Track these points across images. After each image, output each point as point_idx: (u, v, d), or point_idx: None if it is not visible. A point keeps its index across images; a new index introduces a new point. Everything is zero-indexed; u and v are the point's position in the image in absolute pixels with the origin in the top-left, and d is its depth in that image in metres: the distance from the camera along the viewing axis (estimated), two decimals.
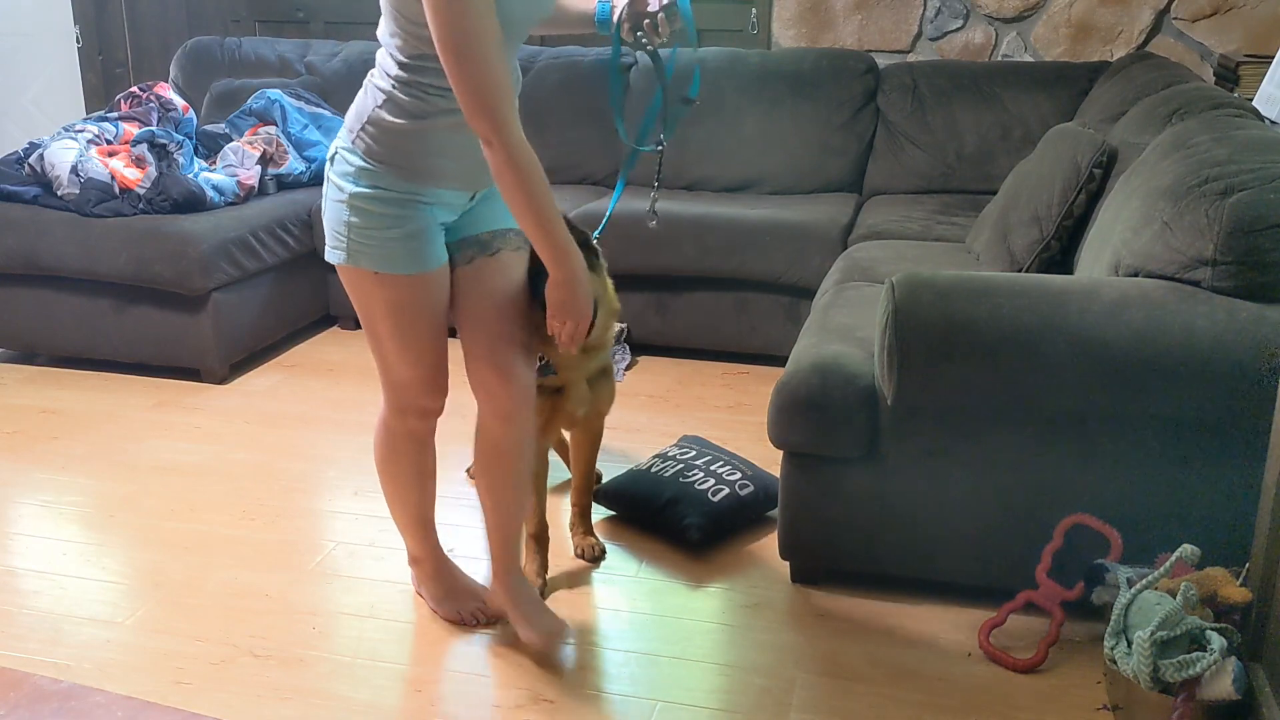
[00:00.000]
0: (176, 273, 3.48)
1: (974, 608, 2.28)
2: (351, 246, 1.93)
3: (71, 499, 2.83)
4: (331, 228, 1.96)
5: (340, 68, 4.66)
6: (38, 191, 3.66)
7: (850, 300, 2.74)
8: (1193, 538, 1.97)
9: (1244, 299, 2.00)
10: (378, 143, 1.88)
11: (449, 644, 2.21)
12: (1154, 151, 2.40)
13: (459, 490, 2.87)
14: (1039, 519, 2.16)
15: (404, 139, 1.87)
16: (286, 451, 3.11)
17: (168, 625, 2.27)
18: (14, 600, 2.36)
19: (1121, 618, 1.87)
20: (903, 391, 2.11)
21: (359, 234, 1.91)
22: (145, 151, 3.66)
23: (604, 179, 4.42)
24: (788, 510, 2.34)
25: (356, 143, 1.90)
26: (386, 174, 1.89)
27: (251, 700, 2.03)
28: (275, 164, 4.07)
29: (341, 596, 2.38)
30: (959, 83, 4.03)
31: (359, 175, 1.90)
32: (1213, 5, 4.08)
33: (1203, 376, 1.98)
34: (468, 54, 1.70)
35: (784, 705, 2.02)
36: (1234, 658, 1.75)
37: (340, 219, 1.93)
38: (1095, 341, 2.01)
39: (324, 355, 3.90)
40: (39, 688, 2.05)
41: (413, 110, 1.85)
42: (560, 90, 4.41)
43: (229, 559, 2.53)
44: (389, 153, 1.88)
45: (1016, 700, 2.03)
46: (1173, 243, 2.08)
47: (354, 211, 1.90)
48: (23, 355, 3.86)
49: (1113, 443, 2.11)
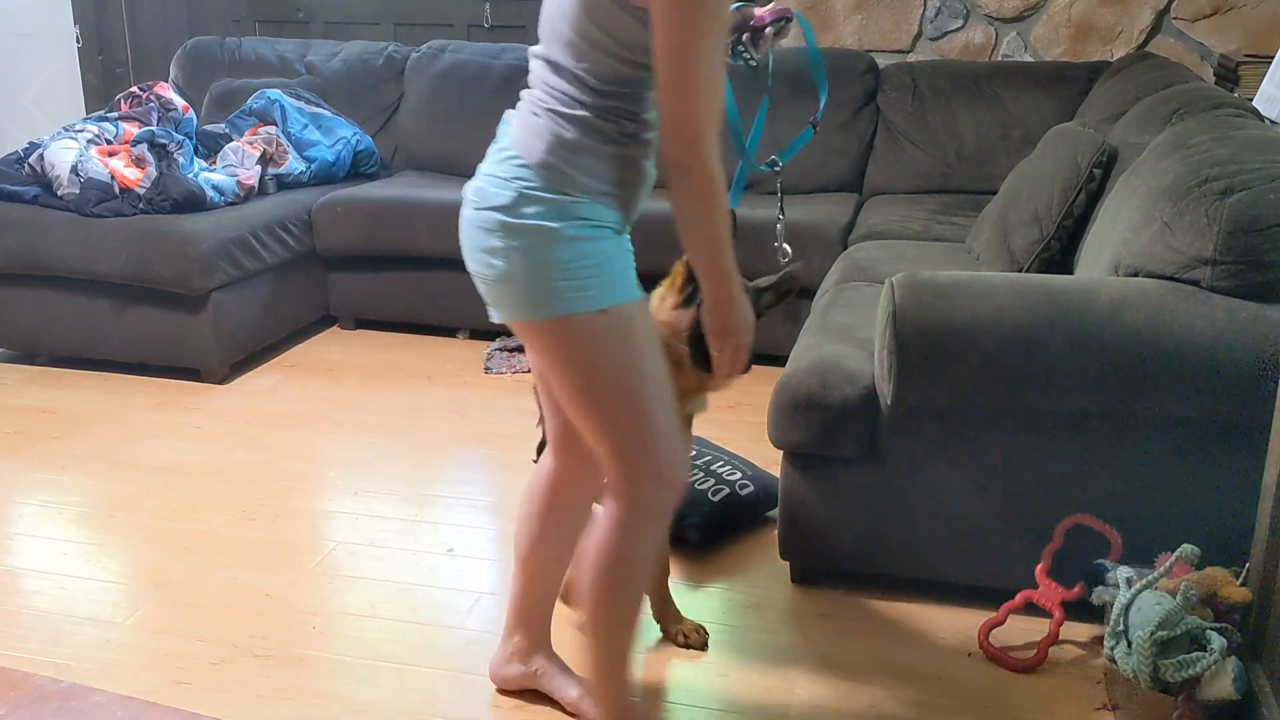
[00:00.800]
0: (176, 273, 3.48)
1: (974, 608, 2.27)
2: (568, 290, 1.62)
3: (71, 499, 2.83)
4: (531, 283, 1.63)
5: (340, 68, 4.67)
6: (38, 191, 3.66)
7: (850, 300, 2.74)
8: (1193, 538, 1.97)
9: (1244, 299, 2.00)
10: (581, 172, 1.63)
11: (449, 644, 2.21)
12: (1154, 151, 2.40)
13: (462, 490, 2.87)
14: (1039, 519, 2.16)
15: (606, 167, 1.65)
16: (286, 451, 3.11)
17: (168, 625, 2.27)
18: (14, 600, 2.36)
19: (1121, 618, 1.87)
20: (902, 392, 2.11)
21: (576, 273, 1.63)
22: (145, 151, 3.66)
23: None
24: (788, 510, 2.33)
25: (552, 178, 1.62)
26: (590, 205, 1.64)
27: (251, 700, 2.03)
28: (275, 164, 4.07)
29: (341, 596, 2.38)
30: (959, 83, 4.03)
31: (563, 211, 1.62)
32: (1213, 5, 4.07)
33: (1202, 376, 1.98)
34: (697, 77, 1.53)
35: (784, 705, 2.02)
36: (1234, 658, 1.75)
37: (547, 263, 1.62)
38: (1095, 341, 2.01)
39: (324, 355, 3.90)
40: (39, 688, 2.05)
41: (613, 136, 1.64)
42: None
43: (229, 559, 2.53)
44: (594, 181, 1.64)
45: (1016, 700, 2.03)
46: (1172, 243, 2.08)
47: (565, 250, 1.62)
48: (23, 355, 3.86)
49: (1113, 443, 2.11)
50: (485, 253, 1.67)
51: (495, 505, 2.81)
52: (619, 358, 1.67)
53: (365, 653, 2.17)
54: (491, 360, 3.79)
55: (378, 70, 4.64)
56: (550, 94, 1.65)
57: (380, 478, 2.94)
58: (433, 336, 4.06)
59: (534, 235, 1.62)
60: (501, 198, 1.63)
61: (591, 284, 1.64)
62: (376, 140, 4.52)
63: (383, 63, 4.65)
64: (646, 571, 1.84)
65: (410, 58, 4.64)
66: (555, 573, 2.01)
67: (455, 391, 3.56)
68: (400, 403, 3.45)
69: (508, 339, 3.94)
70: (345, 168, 4.30)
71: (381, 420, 3.32)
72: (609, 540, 1.75)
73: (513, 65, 4.48)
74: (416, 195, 4.04)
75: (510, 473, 2.94)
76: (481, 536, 2.66)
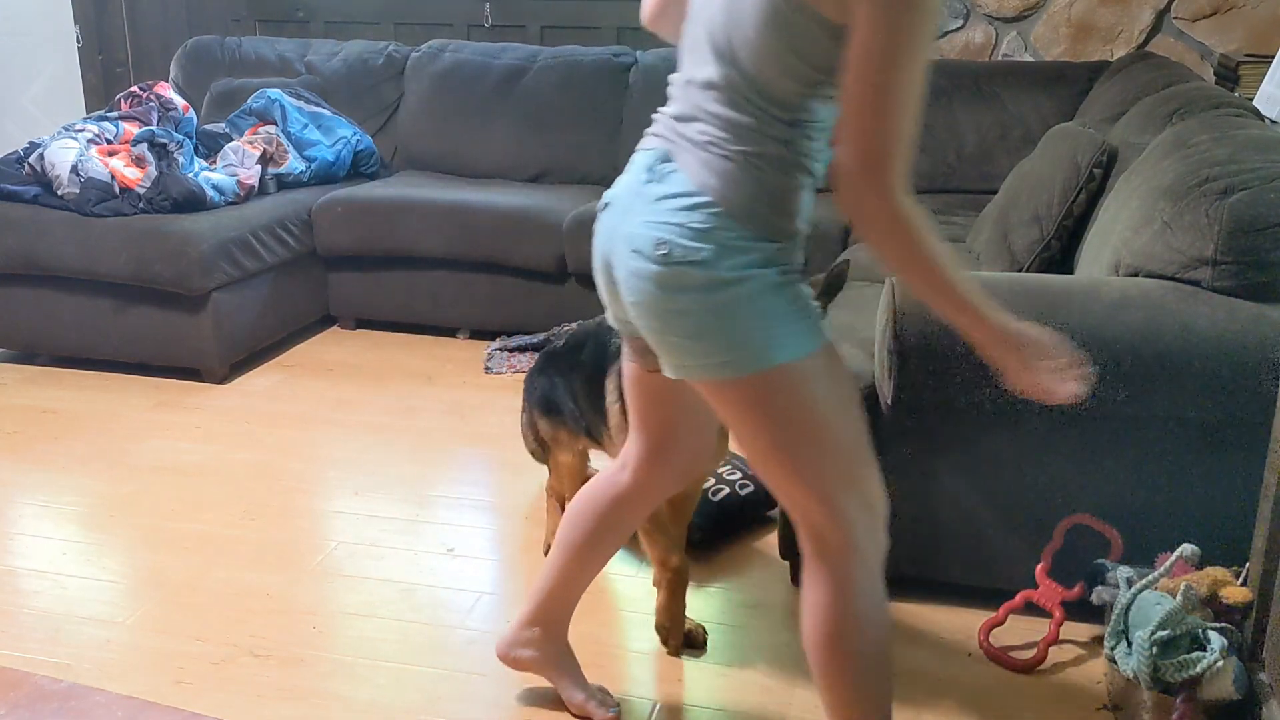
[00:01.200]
0: (176, 272, 3.48)
1: (974, 608, 2.28)
2: (780, 338, 1.48)
3: (71, 499, 2.83)
4: (740, 338, 1.48)
5: (340, 67, 4.67)
6: (38, 191, 3.66)
7: (850, 300, 2.74)
8: (1193, 538, 1.97)
9: (1244, 299, 2.00)
10: (782, 215, 1.50)
11: (449, 644, 2.21)
12: (1154, 151, 2.40)
13: (462, 490, 2.87)
14: (1039, 519, 2.16)
15: (800, 204, 1.52)
16: (286, 451, 3.11)
17: (168, 625, 2.27)
18: (14, 600, 2.36)
19: (1121, 618, 1.87)
20: (902, 392, 2.11)
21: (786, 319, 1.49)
22: (145, 151, 3.66)
23: (602, 179, 4.42)
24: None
25: (758, 226, 1.47)
26: (789, 246, 1.52)
27: (251, 700, 2.03)
28: (275, 164, 4.07)
29: (341, 596, 2.38)
30: (959, 82, 4.03)
31: (769, 259, 1.48)
32: (1213, 5, 4.07)
33: (1203, 376, 1.98)
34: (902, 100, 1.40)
35: (784, 705, 2.02)
36: (1234, 658, 1.75)
37: (758, 313, 1.48)
38: (1095, 341, 2.01)
39: (324, 355, 3.90)
40: (39, 687, 2.05)
41: (807, 169, 1.50)
42: (560, 90, 4.41)
43: (229, 559, 2.53)
44: (791, 222, 1.51)
45: (1016, 700, 2.03)
46: (1173, 242, 2.08)
47: (772, 296, 1.48)
48: (23, 355, 3.86)
49: (1113, 443, 2.11)
50: (675, 313, 1.49)
51: (495, 505, 2.81)
52: (831, 396, 1.53)
53: (365, 653, 2.17)
54: (491, 360, 3.79)
55: (378, 70, 4.65)
56: (731, 129, 1.47)
57: (380, 478, 2.94)
58: (433, 336, 4.06)
59: (741, 287, 1.46)
60: (700, 252, 1.45)
61: (800, 327, 1.51)
62: (376, 140, 4.52)
63: (383, 62, 4.66)
64: (883, 617, 1.61)
65: (410, 57, 4.64)
66: (588, 578, 1.98)
67: (455, 391, 3.56)
68: (400, 403, 3.45)
69: (508, 339, 3.94)
70: (345, 167, 4.30)
71: (381, 420, 3.32)
72: (837, 605, 1.57)
73: (513, 65, 4.48)
74: (416, 195, 4.04)
75: (510, 473, 2.95)
76: (481, 536, 2.66)
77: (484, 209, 3.93)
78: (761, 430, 1.54)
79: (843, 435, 1.55)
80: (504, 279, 3.96)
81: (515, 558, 2.57)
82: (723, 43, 1.45)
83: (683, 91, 1.54)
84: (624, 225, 1.53)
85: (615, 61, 4.45)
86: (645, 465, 1.85)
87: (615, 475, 1.89)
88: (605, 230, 1.59)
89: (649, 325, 1.54)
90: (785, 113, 1.46)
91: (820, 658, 1.60)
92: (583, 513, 1.91)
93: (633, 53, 4.49)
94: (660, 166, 1.52)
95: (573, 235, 3.82)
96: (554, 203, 3.98)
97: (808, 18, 1.38)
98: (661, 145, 1.54)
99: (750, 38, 1.42)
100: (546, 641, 1.99)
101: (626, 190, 1.57)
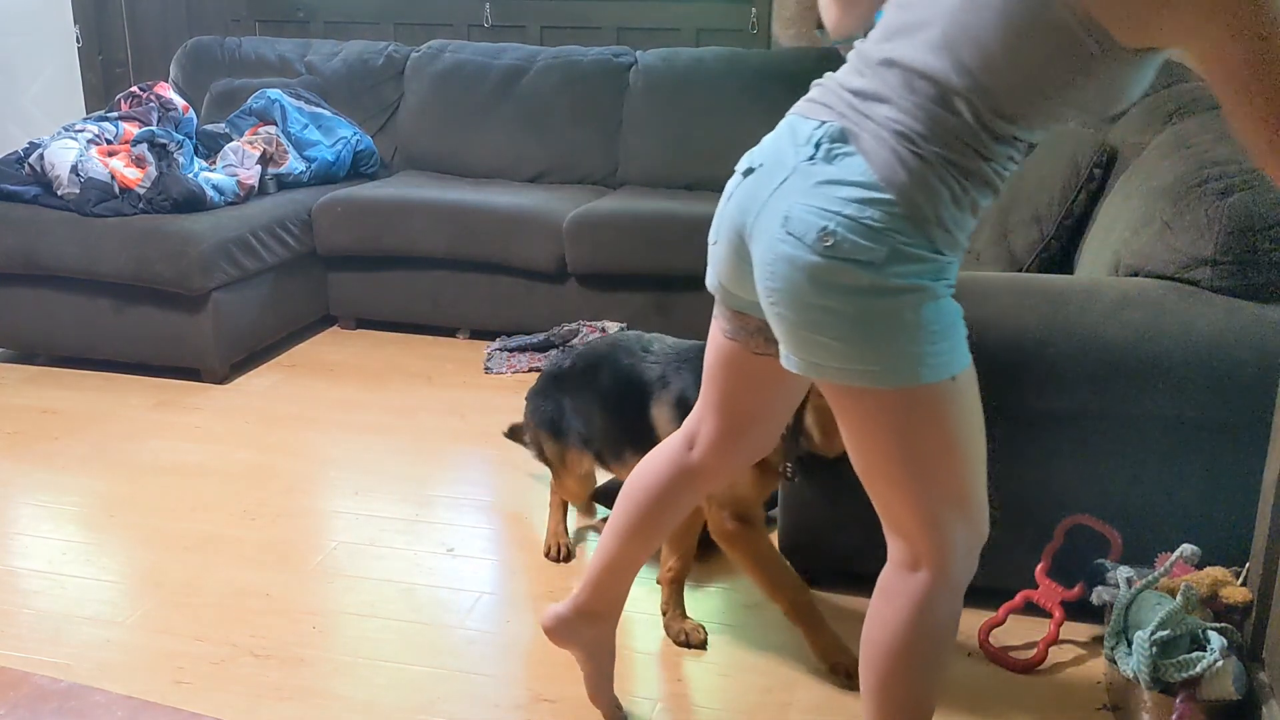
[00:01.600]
0: (176, 272, 3.48)
1: (974, 608, 2.27)
2: (929, 356, 1.39)
3: (71, 499, 2.83)
4: (890, 348, 1.38)
5: (340, 67, 4.67)
6: (38, 191, 3.66)
7: None
8: (1193, 538, 1.97)
9: (1243, 299, 2.00)
10: (961, 229, 1.40)
11: (449, 644, 2.21)
12: (1154, 151, 2.40)
13: (462, 490, 2.87)
14: (1039, 519, 2.16)
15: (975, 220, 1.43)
16: (286, 451, 3.11)
17: (168, 625, 2.26)
18: (14, 600, 2.36)
19: (1121, 618, 1.87)
20: None
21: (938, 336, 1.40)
22: (145, 151, 3.66)
23: (603, 179, 4.42)
24: (788, 510, 2.33)
25: (935, 236, 1.36)
26: (955, 260, 1.42)
27: (251, 700, 2.02)
28: (275, 164, 4.07)
29: (341, 596, 2.38)
30: None
31: (938, 271, 1.39)
32: None
33: (1202, 376, 1.98)
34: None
35: (784, 705, 2.02)
36: (1234, 658, 1.75)
37: (914, 325, 1.37)
38: (1095, 341, 2.01)
39: (324, 355, 3.90)
40: (39, 687, 2.05)
41: (988, 187, 1.40)
42: (560, 90, 4.41)
43: (229, 559, 2.53)
44: (965, 236, 1.42)
45: (1016, 700, 2.03)
46: (1172, 242, 2.08)
47: (931, 310, 1.38)
48: (23, 355, 3.86)
49: (1113, 443, 2.11)
50: (823, 310, 1.36)
51: (495, 505, 2.81)
52: (966, 420, 1.45)
53: (365, 653, 2.17)
54: (491, 360, 3.79)
55: (378, 70, 4.65)
56: (933, 127, 1.33)
57: (380, 478, 2.94)
58: (432, 336, 4.06)
59: (906, 297, 1.35)
60: (870, 252, 1.33)
61: (949, 346, 1.41)
62: (376, 140, 4.52)
63: (383, 63, 4.66)
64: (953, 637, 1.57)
65: (410, 58, 4.64)
66: (643, 559, 1.86)
67: (455, 391, 3.56)
68: (400, 403, 3.45)
69: (508, 339, 3.94)
70: (345, 167, 4.31)
71: (381, 420, 3.32)
72: (914, 622, 1.49)
73: (512, 65, 4.48)
74: (416, 195, 4.04)
75: (510, 472, 2.95)
76: (481, 536, 2.66)
77: (484, 209, 3.93)
78: (884, 443, 1.44)
79: (967, 460, 1.47)
80: (504, 279, 3.96)
81: (515, 558, 2.57)
82: (954, 35, 1.31)
83: (875, 70, 1.38)
84: (777, 201, 1.39)
85: (615, 61, 4.45)
86: (718, 447, 1.74)
87: (680, 455, 1.78)
88: (745, 198, 1.45)
89: (784, 314, 1.41)
90: (1002, 126, 1.34)
91: (884, 666, 1.53)
92: (642, 490, 1.80)
93: (633, 53, 4.50)
94: (833, 145, 1.37)
95: (573, 235, 3.82)
96: (554, 203, 3.99)
97: (1085, 33, 1.25)
98: (835, 121, 1.38)
99: (993, 38, 1.29)
100: (594, 628, 1.88)
101: (779, 160, 1.42)
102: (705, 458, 1.75)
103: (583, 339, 3.77)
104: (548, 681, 2.08)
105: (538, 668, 2.13)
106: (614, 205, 3.95)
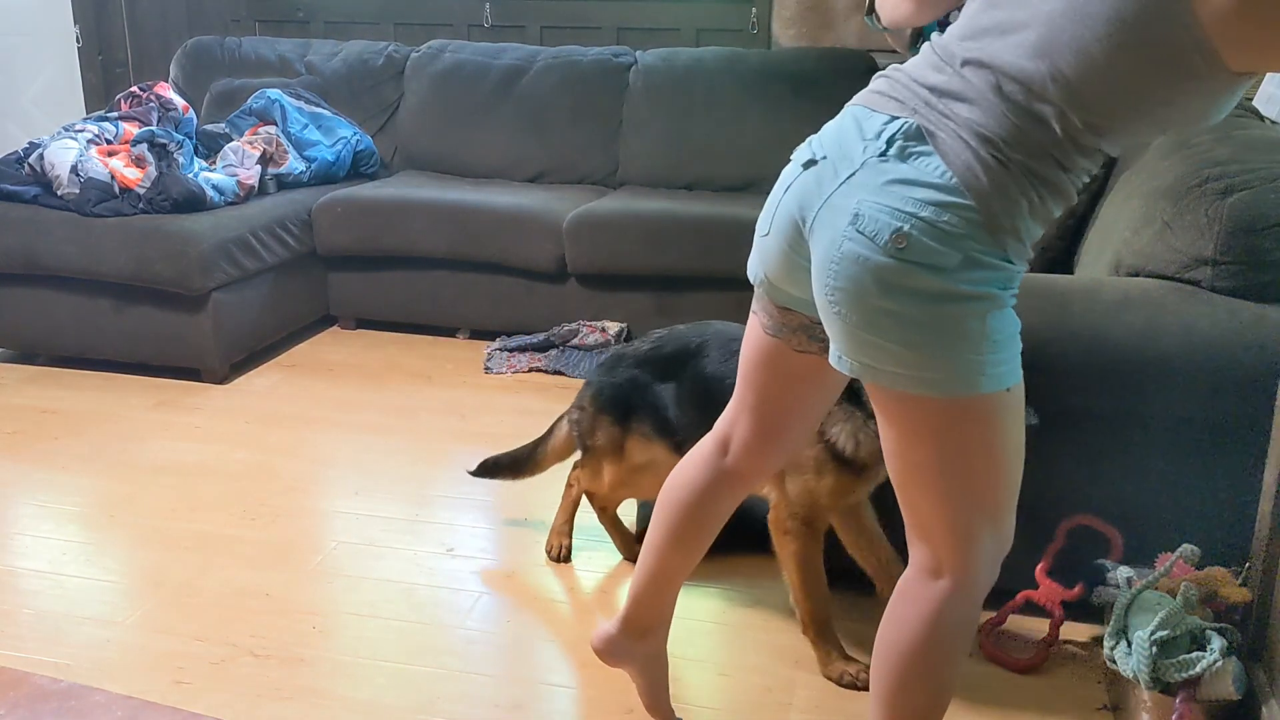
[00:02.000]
0: (176, 272, 3.48)
1: None
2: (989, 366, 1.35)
3: (71, 499, 2.83)
4: (952, 356, 1.33)
5: (340, 67, 4.67)
6: (38, 191, 3.66)
7: None
8: (1193, 538, 1.97)
9: (1244, 299, 2.00)
10: (1031, 239, 1.36)
11: (449, 644, 2.21)
12: (1154, 151, 2.40)
13: (462, 490, 2.87)
14: (1039, 519, 2.16)
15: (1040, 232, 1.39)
16: (286, 451, 3.11)
17: (168, 625, 2.26)
18: (14, 600, 2.36)
19: (1121, 618, 1.87)
20: None
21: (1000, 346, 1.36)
22: (145, 151, 3.67)
23: (603, 179, 4.42)
24: None
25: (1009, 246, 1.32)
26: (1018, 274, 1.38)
27: (251, 700, 2.02)
28: (275, 164, 4.07)
29: (341, 596, 2.38)
30: None
31: (1007, 280, 1.35)
32: None
33: (1203, 376, 1.98)
34: None
35: (784, 705, 2.02)
36: (1234, 658, 1.75)
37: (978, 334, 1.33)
38: (1096, 341, 2.01)
39: (324, 355, 3.90)
40: (39, 687, 2.05)
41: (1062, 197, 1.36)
42: (560, 90, 4.41)
43: (229, 559, 2.53)
44: (1026, 246, 1.36)
45: (1016, 700, 2.03)
46: (1173, 242, 2.07)
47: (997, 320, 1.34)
48: (23, 355, 3.86)
49: (1113, 443, 2.11)
50: (885, 313, 1.32)
51: (495, 505, 2.81)
52: (1011, 433, 1.40)
53: (365, 653, 2.17)
54: (491, 360, 3.79)
55: (378, 70, 4.65)
56: (1018, 132, 1.29)
57: (380, 478, 2.94)
58: (432, 336, 4.06)
59: (974, 305, 1.31)
60: (944, 257, 1.28)
61: (1009, 356, 1.37)
62: (376, 140, 4.52)
63: (383, 63, 4.66)
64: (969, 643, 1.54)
65: (410, 58, 4.64)
66: (686, 570, 1.82)
67: (455, 391, 3.56)
68: (400, 403, 3.45)
69: (508, 339, 3.94)
70: (345, 167, 4.31)
71: (381, 420, 3.32)
72: (932, 626, 1.46)
73: (512, 65, 4.48)
74: (416, 195, 4.04)
75: None
76: (481, 536, 2.66)
77: (484, 209, 3.94)
78: (929, 451, 1.40)
79: (1008, 473, 1.44)
80: (504, 279, 3.96)
81: (515, 558, 2.57)
82: (1053, 41, 1.26)
83: (957, 68, 1.33)
84: (844, 197, 1.34)
85: (615, 61, 4.45)
86: (753, 449, 1.70)
87: (715, 460, 1.74)
88: (805, 190, 1.41)
89: (844, 314, 1.35)
90: (1088, 138, 1.30)
91: (899, 670, 1.50)
92: (679, 500, 1.77)
93: (633, 53, 4.50)
94: (908, 143, 1.32)
95: (573, 235, 3.82)
96: (554, 203, 3.99)
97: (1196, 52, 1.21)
98: (909, 117, 1.34)
99: (1099, 50, 1.24)
100: (644, 644, 1.86)
101: (845, 154, 1.37)
102: (740, 462, 1.72)
103: (582, 339, 3.78)
104: (548, 681, 2.08)
105: (537, 667, 2.13)
106: (614, 205, 3.95)
